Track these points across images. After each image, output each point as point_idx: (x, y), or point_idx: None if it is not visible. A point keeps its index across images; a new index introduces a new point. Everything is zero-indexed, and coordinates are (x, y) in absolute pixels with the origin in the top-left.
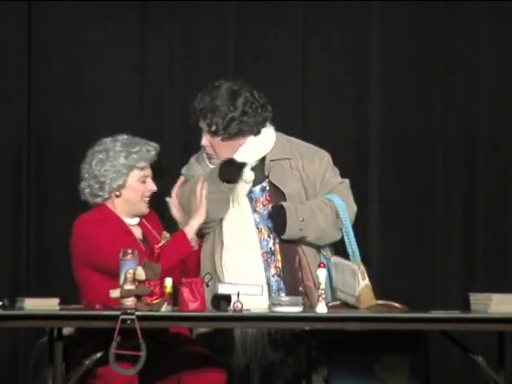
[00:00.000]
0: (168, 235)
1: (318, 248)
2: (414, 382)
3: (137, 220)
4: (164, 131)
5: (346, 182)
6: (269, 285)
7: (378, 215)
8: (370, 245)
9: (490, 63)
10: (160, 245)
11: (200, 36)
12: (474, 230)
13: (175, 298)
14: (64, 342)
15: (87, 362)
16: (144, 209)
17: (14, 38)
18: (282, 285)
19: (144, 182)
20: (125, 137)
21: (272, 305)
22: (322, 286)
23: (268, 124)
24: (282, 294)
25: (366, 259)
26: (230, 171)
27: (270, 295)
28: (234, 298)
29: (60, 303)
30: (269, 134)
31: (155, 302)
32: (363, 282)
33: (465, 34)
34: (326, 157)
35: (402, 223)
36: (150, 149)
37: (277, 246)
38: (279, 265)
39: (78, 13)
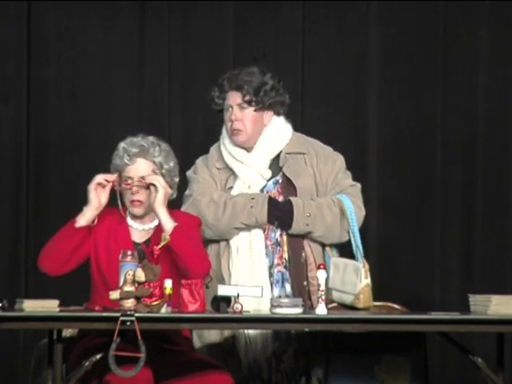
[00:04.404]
0: (168, 237)
1: (324, 247)
2: None
3: (151, 225)
4: (163, 131)
5: (358, 185)
6: (271, 275)
7: (377, 215)
8: (370, 245)
9: (489, 64)
10: (159, 246)
11: (199, 36)
12: (474, 230)
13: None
14: (64, 343)
15: (87, 363)
16: None
17: (13, 38)
18: (287, 275)
19: None
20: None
21: (272, 306)
22: (322, 287)
23: (285, 119)
24: (287, 285)
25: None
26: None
27: (272, 288)
28: (233, 300)
29: (60, 305)
30: (286, 128)
31: (155, 303)
32: (365, 281)
33: (463, 35)
34: (339, 159)
35: (402, 224)
36: None
37: (284, 237)
38: (285, 256)
39: (78, 13)
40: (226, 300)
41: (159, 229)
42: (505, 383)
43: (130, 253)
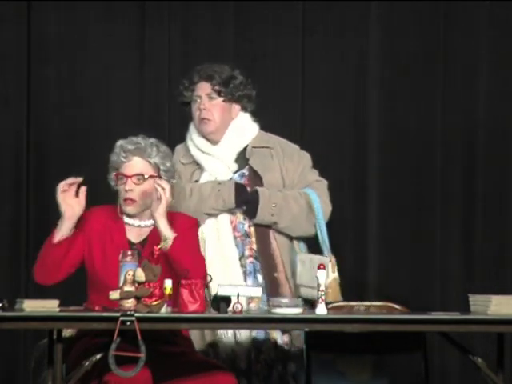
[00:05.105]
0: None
1: (292, 241)
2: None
3: (147, 222)
4: (163, 131)
5: (324, 181)
6: (243, 266)
7: (377, 215)
8: (370, 245)
9: (489, 64)
10: (159, 246)
11: (199, 36)
12: (474, 230)
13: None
14: (63, 343)
15: (86, 363)
16: None
17: (13, 38)
18: (258, 266)
19: None
20: None
21: (272, 306)
22: (322, 287)
23: (252, 119)
24: (259, 276)
25: (365, 260)
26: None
27: (245, 278)
28: (233, 300)
29: (60, 305)
30: (253, 125)
31: (155, 303)
32: (332, 275)
33: (463, 35)
34: (306, 156)
35: (402, 223)
36: None
37: (252, 228)
38: (254, 247)
39: (78, 13)
40: (226, 300)
41: (155, 228)
42: (505, 383)
43: (129, 253)
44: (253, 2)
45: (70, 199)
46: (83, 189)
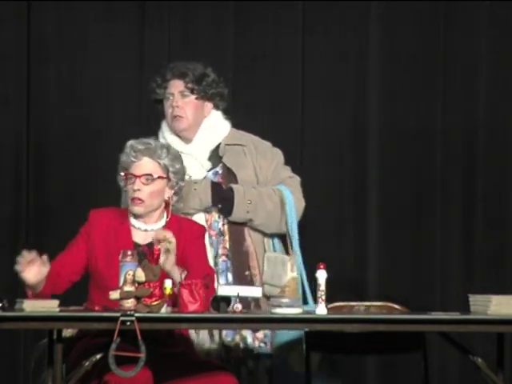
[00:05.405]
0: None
1: (265, 236)
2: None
3: (154, 226)
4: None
5: (297, 178)
6: (216, 264)
7: (377, 215)
8: (370, 245)
9: (489, 64)
10: (159, 246)
11: (199, 36)
12: (474, 230)
13: None
14: (64, 343)
15: (86, 363)
16: None
17: (13, 38)
18: (229, 264)
19: None
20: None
21: (272, 306)
22: (322, 287)
23: (224, 117)
24: (229, 275)
25: (365, 260)
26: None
27: (218, 278)
28: (233, 300)
29: (60, 305)
30: (225, 123)
31: (155, 303)
32: (291, 274)
33: (463, 35)
34: (278, 153)
35: (402, 224)
36: None
37: (225, 226)
38: (227, 245)
39: (78, 13)
40: (226, 300)
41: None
42: (505, 383)
43: (130, 253)
44: (253, 2)
45: (30, 272)
46: (45, 258)
